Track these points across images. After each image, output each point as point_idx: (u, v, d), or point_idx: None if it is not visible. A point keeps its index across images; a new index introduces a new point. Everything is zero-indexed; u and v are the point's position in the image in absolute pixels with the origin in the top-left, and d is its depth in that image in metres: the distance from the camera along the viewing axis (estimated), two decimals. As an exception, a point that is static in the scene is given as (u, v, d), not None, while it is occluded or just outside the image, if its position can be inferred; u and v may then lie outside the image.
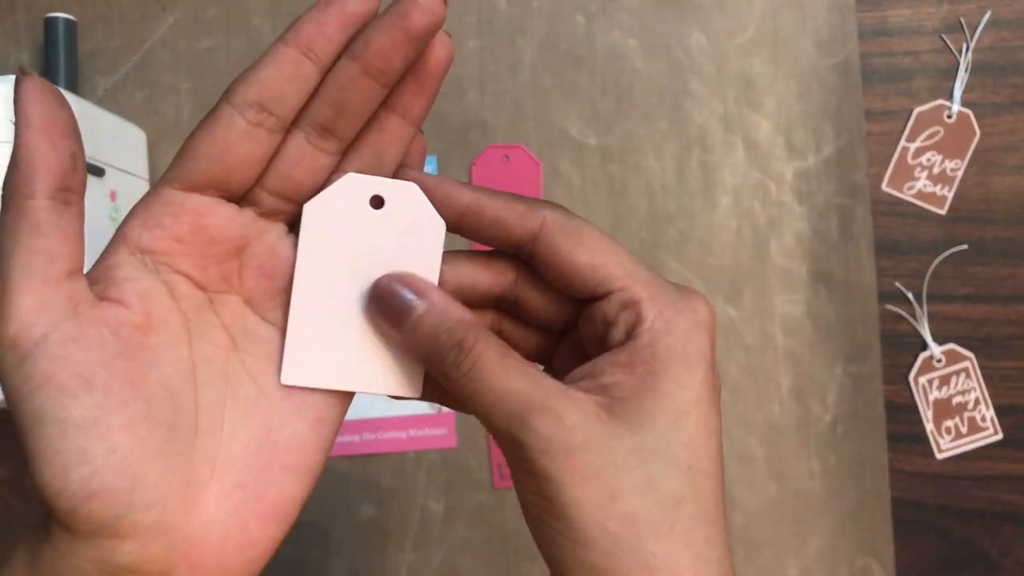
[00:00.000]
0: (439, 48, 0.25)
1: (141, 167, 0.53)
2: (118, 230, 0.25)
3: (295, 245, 0.27)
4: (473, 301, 0.27)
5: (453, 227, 0.27)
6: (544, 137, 0.56)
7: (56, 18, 0.51)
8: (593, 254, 0.26)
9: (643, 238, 0.55)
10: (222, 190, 0.25)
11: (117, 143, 0.50)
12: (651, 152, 0.56)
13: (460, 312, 0.26)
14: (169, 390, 0.24)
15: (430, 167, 0.55)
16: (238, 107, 0.24)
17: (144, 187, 0.53)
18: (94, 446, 0.22)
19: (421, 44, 0.24)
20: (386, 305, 0.26)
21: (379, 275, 0.27)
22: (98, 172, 0.47)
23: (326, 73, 0.25)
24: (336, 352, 0.27)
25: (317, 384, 0.26)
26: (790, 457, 0.55)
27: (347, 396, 0.27)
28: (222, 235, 0.26)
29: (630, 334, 0.25)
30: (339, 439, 0.54)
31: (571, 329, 0.28)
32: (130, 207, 0.27)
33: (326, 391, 0.27)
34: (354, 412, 0.54)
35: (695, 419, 0.24)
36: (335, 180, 0.26)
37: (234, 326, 0.26)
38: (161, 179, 0.25)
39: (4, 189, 0.23)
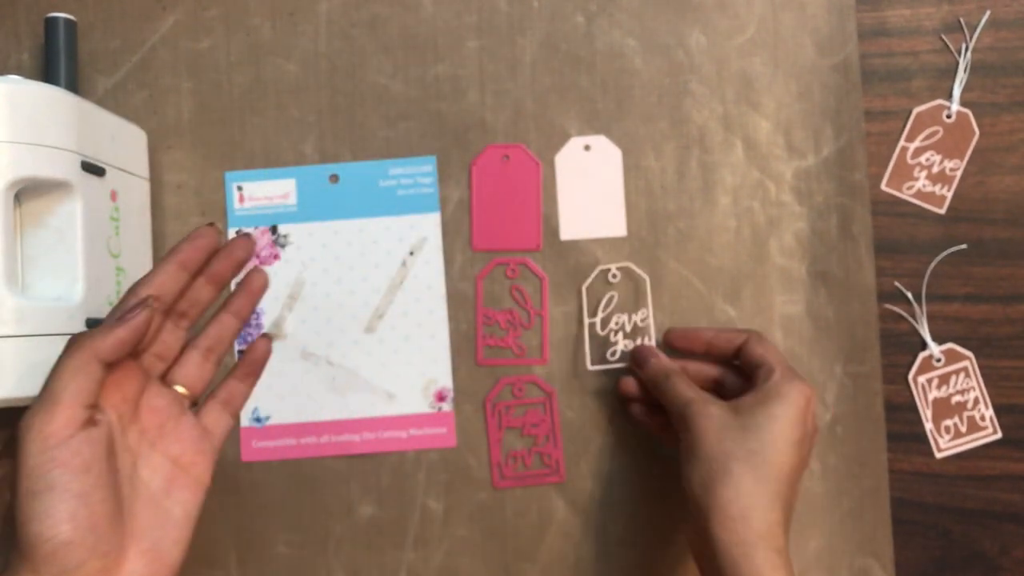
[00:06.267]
0: (258, 278, 0.50)
1: (142, 167, 0.53)
2: (76, 370, 0.38)
3: (166, 397, 0.43)
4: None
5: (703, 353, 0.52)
6: (544, 137, 0.56)
7: (56, 18, 0.51)
8: (766, 349, 0.49)
9: (643, 238, 0.55)
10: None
11: (117, 143, 0.50)
12: (651, 152, 0.56)
13: (668, 362, 0.51)
14: (117, 487, 0.38)
15: (429, 166, 0.55)
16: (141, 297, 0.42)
17: (145, 187, 0.53)
18: (80, 511, 0.35)
19: (240, 266, 0.48)
20: (635, 357, 0.52)
21: None
22: (99, 172, 0.47)
23: (191, 275, 0.45)
24: None
25: None
26: (789, 457, 0.55)
27: (200, 493, 0.43)
28: (131, 389, 0.42)
29: (765, 383, 0.46)
30: (339, 438, 0.54)
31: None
32: (130, 207, 0.31)
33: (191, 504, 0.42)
34: (354, 411, 0.54)
35: (777, 428, 0.44)
36: None
37: (135, 449, 0.41)
38: (87, 339, 0.38)
39: (83, 337, 0.39)
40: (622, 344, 0.55)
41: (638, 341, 0.54)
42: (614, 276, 0.55)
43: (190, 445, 0.43)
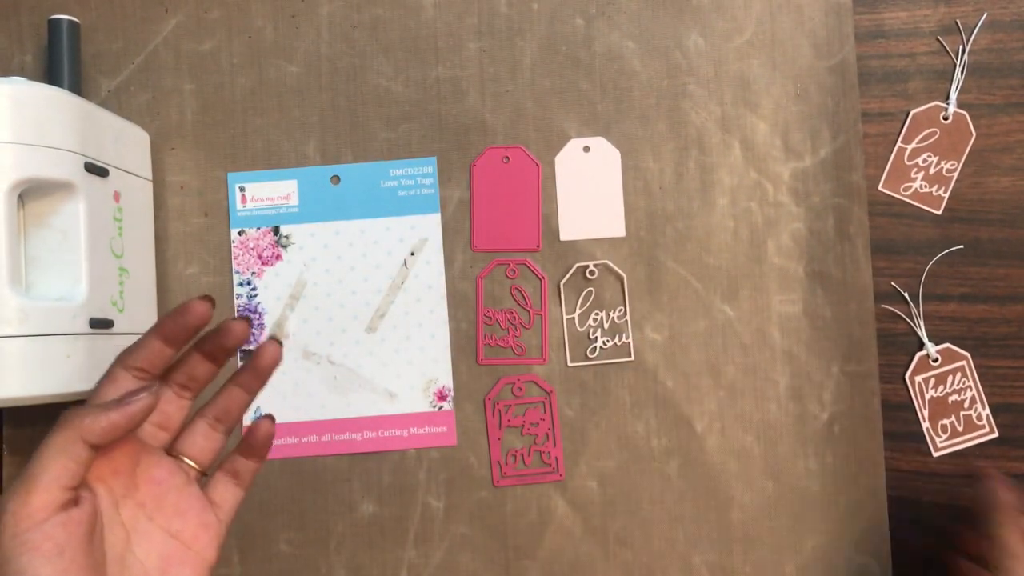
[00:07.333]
0: (271, 351, 0.41)
1: (144, 168, 0.54)
2: (62, 457, 0.35)
3: (166, 468, 0.40)
4: None
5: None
6: (544, 138, 0.56)
7: (60, 20, 0.52)
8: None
9: (642, 238, 0.56)
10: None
11: (120, 144, 0.50)
12: (649, 153, 0.56)
13: (1009, 496, 0.49)
14: (99, 568, 0.36)
15: (430, 167, 0.55)
16: (128, 369, 0.39)
17: (147, 188, 0.54)
18: None
19: (235, 350, 0.41)
20: (979, 473, 0.51)
21: None
22: (102, 173, 0.48)
23: (179, 350, 0.40)
24: None
25: None
26: (787, 455, 0.55)
27: (203, 570, 0.40)
28: (123, 461, 0.39)
29: None
30: (340, 437, 0.54)
31: None
32: (133, 207, 0.29)
33: None
34: (355, 410, 0.55)
35: None
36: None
37: (129, 524, 0.39)
38: (76, 418, 0.35)
39: (72, 416, 0.35)
40: (601, 341, 0.55)
41: (616, 338, 0.55)
42: (591, 273, 0.55)
43: (193, 518, 0.40)
